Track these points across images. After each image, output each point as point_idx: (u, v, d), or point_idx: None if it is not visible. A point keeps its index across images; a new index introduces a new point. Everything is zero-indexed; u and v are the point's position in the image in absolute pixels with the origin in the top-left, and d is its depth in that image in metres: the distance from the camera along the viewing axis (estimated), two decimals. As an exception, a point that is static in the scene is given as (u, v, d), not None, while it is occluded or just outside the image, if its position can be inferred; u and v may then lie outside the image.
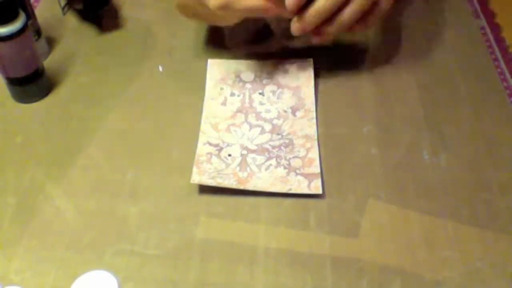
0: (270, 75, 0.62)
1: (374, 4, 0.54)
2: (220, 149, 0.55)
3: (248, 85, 0.61)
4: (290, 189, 0.51)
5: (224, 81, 0.61)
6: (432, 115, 0.58)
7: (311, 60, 0.62)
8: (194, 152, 0.54)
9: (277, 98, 0.60)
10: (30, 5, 0.62)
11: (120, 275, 0.46)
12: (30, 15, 0.61)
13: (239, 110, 0.59)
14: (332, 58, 0.64)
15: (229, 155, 0.55)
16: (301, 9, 0.53)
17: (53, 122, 0.59)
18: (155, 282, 0.47)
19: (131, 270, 0.47)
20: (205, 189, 0.52)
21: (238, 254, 0.48)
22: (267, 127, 0.57)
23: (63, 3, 0.70)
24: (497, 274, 0.46)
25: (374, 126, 0.57)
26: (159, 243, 0.49)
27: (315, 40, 0.56)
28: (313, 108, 0.58)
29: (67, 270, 0.47)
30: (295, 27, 0.54)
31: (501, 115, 0.58)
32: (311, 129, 0.57)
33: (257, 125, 0.57)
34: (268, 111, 0.59)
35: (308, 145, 0.55)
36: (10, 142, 0.57)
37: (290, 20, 0.55)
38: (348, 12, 0.53)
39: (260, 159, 0.54)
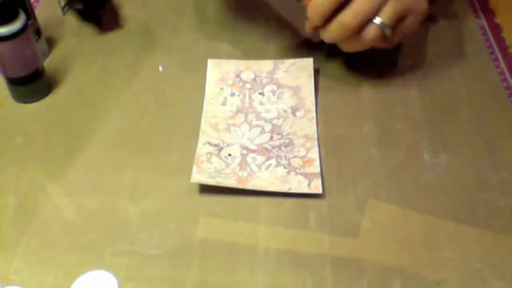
0: (270, 75, 0.62)
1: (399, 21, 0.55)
2: (220, 149, 0.55)
3: (248, 85, 0.61)
4: (290, 189, 0.51)
5: (224, 81, 0.61)
6: (432, 115, 0.58)
7: (311, 60, 0.62)
8: (194, 152, 0.54)
9: (277, 98, 0.60)
10: (30, 5, 0.62)
11: (120, 275, 0.46)
12: (30, 15, 0.61)
13: (239, 110, 0.59)
14: (332, 58, 0.64)
15: (229, 154, 0.55)
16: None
17: (53, 122, 0.59)
18: (155, 282, 0.47)
19: (131, 270, 0.47)
20: (205, 189, 0.52)
21: (238, 254, 0.48)
22: (267, 127, 0.57)
23: (63, 3, 0.69)
24: (497, 274, 0.46)
25: (374, 126, 0.57)
26: (159, 243, 0.49)
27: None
28: (313, 108, 0.58)
29: (67, 270, 0.47)
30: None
31: (501, 115, 0.58)
32: (311, 129, 0.57)
33: (257, 125, 0.57)
34: (268, 111, 0.59)
35: (308, 145, 0.55)
36: (10, 142, 0.57)
37: None
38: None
39: (260, 159, 0.54)
